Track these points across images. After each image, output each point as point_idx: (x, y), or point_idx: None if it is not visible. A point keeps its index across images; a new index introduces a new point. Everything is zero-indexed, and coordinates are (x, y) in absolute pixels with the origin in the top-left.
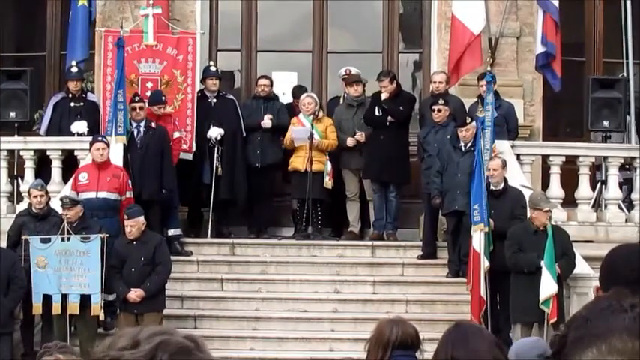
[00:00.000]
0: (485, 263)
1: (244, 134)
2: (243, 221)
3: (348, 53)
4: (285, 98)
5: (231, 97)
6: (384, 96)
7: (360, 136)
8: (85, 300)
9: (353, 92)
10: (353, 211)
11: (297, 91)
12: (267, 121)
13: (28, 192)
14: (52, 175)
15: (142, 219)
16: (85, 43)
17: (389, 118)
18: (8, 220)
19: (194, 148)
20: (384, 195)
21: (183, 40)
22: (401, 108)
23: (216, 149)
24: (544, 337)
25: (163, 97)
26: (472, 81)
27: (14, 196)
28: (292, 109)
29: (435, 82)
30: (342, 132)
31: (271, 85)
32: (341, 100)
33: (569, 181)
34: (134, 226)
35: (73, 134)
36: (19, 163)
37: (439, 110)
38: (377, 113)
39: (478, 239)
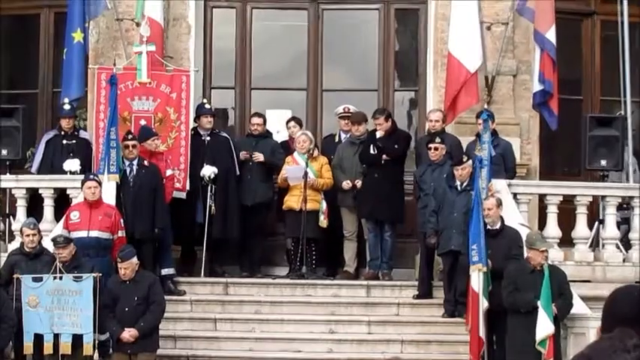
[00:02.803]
0: (484, 303)
1: (238, 173)
2: (236, 260)
3: (344, 91)
4: (279, 136)
5: (225, 134)
6: (379, 134)
7: (357, 182)
8: (77, 340)
9: (356, 132)
10: (349, 250)
11: (291, 120)
12: (258, 155)
13: (21, 231)
14: (43, 214)
15: (135, 260)
16: (81, 80)
17: (384, 156)
18: (0, 259)
19: (188, 187)
20: (379, 234)
21: (177, 77)
22: (396, 146)
23: (209, 188)
24: None
25: (153, 130)
26: (469, 119)
27: (6, 235)
28: (287, 147)
29: (431, 120)
30: (343, 171)
31: (264, 122)
32: (336, 138)
33: (567, 220)
34: (128, 267)
35: (65, 172)
36: (11, 202)
37: (435, 149)
38: (372, 151)
39: (477, 279)
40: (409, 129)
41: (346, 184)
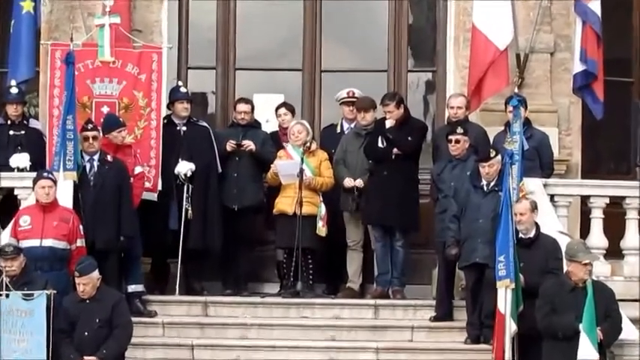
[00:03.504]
0: (512, 327)
1: (220, 170)
2: (218, 275)
3: (346, 72)
4: (270, 126)
5: (204, 124)
6: (388, 124)
7: (358, 182)
8: None
9: (362, 121)
10: (354, 263)
11: (281, 106)
12: (249, 143)
13: None
14: None
15: (96, 274)
16: (31, 59)
17: (394, 150)
18: None
19: (160, 187)
20: (388, 244)
21: (147, 55)
22: (409, 138)
23: (185, 188)
24: None
25: (120, 120)
26: (496, 105)
27: None
28: (278, 140)
29: (451, 107)
30: (347, 166)
31: (252, 110)
32: (338, 129)
33: (614, 227)
34: (87, 283)
35: (12, 169)
36: None
37: (457, 141)
38: (380, 144)
39: (504, 298)
40: (425, 118)
41: (348, 182)
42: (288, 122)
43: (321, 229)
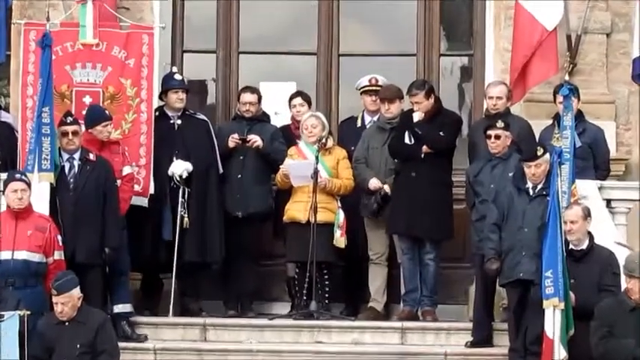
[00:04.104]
0: (561, 353)
1: (221, 170)
2: (218, 293)
3: (368, 56)
4: (279, 120)
5: (203, 117)
6: (417, 117)
7: (385, 186)
8: None
9: (386, 113)
10: (377, 278)
11: (296, 95)
12: (255, 138)
13: None
14: None
15: (76, 292)
16: (1, 40)
17: (424, 147)
18: None
19: (151, 190)
20: (417, 257)
21: (136, 37)
22: (441, 133)
23: (181, 191)
24: None
25: (106, 112)
26: (544, 96)
27: None
28: (290, 135)
29: (491, 97)
30: (370, 165)
31: (259, 101)
32: (358, 122)
33: None
34: (66, 303)
35: None
36: None
37: (497, 137)
38: (407, 140)
39: (552, 320)
40: (460, 110)
41: (375, 183)
42: (304, 115)
43: (339, 239)
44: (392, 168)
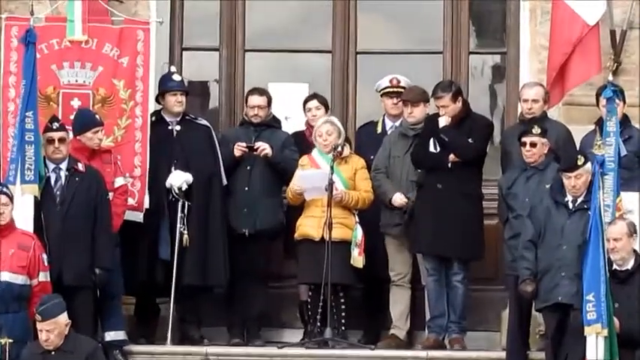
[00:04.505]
0: None
1: (225, 182)
2: (222, 319)
3: (389, 54)
4: (291, 125)
5: (205, 123)
6: (443, 121)
7: (405, 199)
8: None
9: (410, 117)
10: (399, 302)
11: (311, 98)
12: (264, 145)
13: None
14: None
15: (63, 318)
16: None
17: (451, 156)
18: None
19: (146, 204)
20: (444, 278)
21: (130, 33)
22: (470, 140)
23: (180, 205)
24: None
25: (97, 117)
26: (585, 98)
27: None
28: (304, 142)
29: (526, 99)
30: (391, 176)
31: (269, 104)
32: (379, 128)
33: None
34: (52, 330)
35: None
36: None
37: (533, 144)
38: (432, 148)
39: (594, 348)
40: (491, 114)
41: (399, 199)
42: (318, 120)
43: (357, 258)
44: (415, 180)
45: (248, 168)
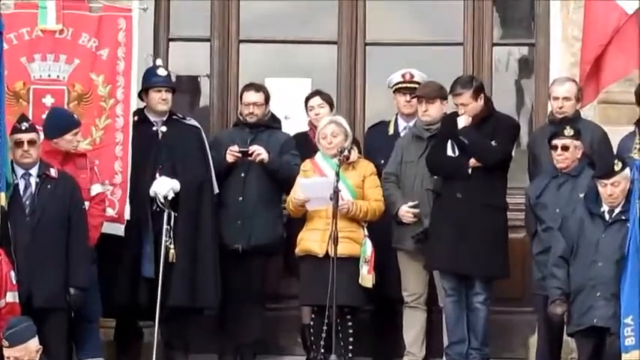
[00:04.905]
0: None
1: (216, 191)
2: (212, 344)
3: (403, 45)
4: (291, 126)
5: (194, 123)
6: (463, 121)
7: (412, 210)
8: None
9: (425, 116)
10: (413, 326)
11: (314, 95)
12: (259, 150)
13: None
14: None
15: (33, 343)
16: None
17: (472, 160)
18: None
19: (128, 216)
20: (463, 299)
21: (110, 21)
22: (493, 143)
23: (166, 217)
24: None
25: (73, 117)
26: (622, 96)
27: None
28: (307, 145)
29: (556, 97)
30: (403, 184)
31: (266, 101)
32: (390, 129)
33: None
34: (21, 357)
35: None
36: None
37: (564, 148)
38: (450, 152)
39: None
40: (517, 113)
41: (406, 213)
42: (322, 119)
43: (366, 276)
44: (430, 188)
45: (242, 175)
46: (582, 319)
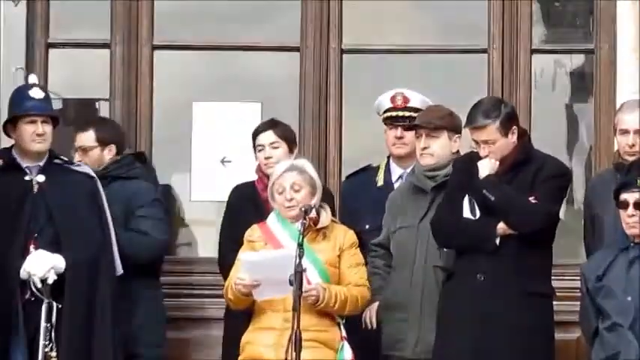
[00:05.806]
0: None
1: (120, 271)
2: None
3: (397, 53)
4: (230, 174)
5: (86, 170)
6: (487, 167)
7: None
8: None
9: (425, 155)
10: None
11: (264, 128)
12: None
13: None
14: None
15: None
16: None
17: (500, 225)
18: None
19: None
20: None
21: None
22: (532, 199)
23: (45, 309)
24: None
25: None
26: None
27: None
28: (256, 200)
29: (626, 130)
30: (396, 259)
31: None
32: (379, 178)
33: None
34: None
35: None
36: None
37: (638, 206)
38: (468, 213)
39: None
40: (568, 154)
41: (369, 318)
42: (277, 166)
43: None
44: (439, 265)
45: None
46: None
